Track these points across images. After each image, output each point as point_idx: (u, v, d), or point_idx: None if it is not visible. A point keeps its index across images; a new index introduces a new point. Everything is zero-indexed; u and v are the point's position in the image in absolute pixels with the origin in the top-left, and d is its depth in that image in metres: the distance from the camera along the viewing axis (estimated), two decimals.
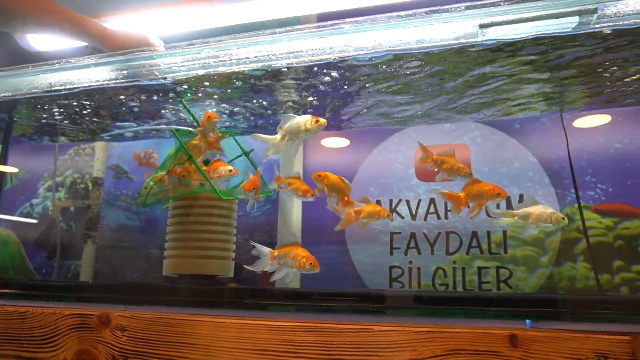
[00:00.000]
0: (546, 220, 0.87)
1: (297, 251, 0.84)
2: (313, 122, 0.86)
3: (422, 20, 0.83)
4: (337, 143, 1.75)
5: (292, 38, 0.90)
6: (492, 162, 1.58)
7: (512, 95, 1.28)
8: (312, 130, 0.87)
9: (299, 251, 0.84)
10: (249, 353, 0.76)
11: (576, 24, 0.79)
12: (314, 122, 0.86)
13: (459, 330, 0.67)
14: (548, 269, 1.46)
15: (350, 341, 0.71)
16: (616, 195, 1.44)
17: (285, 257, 0.85)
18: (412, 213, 1.61)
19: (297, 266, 0.83)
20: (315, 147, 1.75)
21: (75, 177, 1.85)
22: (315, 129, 0.87)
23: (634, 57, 1.04)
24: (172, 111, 1.30)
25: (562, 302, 0.69)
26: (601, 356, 0.62)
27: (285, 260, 0.85)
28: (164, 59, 1.02)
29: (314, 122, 0.86)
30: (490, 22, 0.80)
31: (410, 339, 0.69)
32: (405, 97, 1.27)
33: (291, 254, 0.84)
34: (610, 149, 1.48)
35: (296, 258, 0.83)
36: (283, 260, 0.85)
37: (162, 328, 0.82)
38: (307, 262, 0.82)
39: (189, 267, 1.01)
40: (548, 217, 0.87)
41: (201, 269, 1.01)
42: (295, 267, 0.83)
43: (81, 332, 0.86)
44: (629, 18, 0.78)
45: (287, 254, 0.84)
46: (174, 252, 1.02)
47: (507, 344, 0.66)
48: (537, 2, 0.77)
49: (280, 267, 0.86)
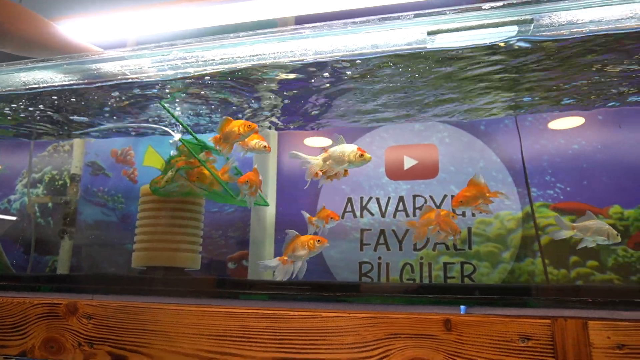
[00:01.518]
0: (603, 235, 0.91)
1: (301, 240, 0.86)
2: (357, 155, 0.85)
3: (376, 26, 0.88)
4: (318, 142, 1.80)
5: (255, 42, 0.95)
6: (458, 162, 1.64)
7: (473, 99, 1.34)
8: (354, 163, 0.85)
9: (303, 238, 0.86)
10: (207, 339, 0.81)
11: (516, 32, 0.85)
12: (358, 156, 0.85)
13: (399, 316, 0.73)
14: (509, 264, 1.52)
15: (299, 327, 0.76)
16: (573, 194, 1.51)
17: (295, 252, 0.86)
18: (382, 210, 1.66)
19: (308, 252, 0.84)
20: (288, 146, 1.80)
21: (54, 174, 1.88)
22: (358, 163, 0.85)
23: (581, 65, 1.10)
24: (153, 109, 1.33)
25: (492, 289, 0.74)
26: (525, 338, 0.68)
27: (296, 254, 0.86)
28: (134, 60, 1.06)
29: (358, 155, 0.85)
30: (437, 29, 0.85)
31: (355, 325, 0.74)
32: (370, 98, 1.32)
33: (298, 246, 0.86)
34: (568, 150, 1.55)
35: (304, 245, 0.85)
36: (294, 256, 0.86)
37: (126, 316, 0.86)
38: (314, 242, 0.85)
39: (157, 259, 1.06)
40: (605, 232, 0.91)
41: (169, 262, 1.06)
42: (307, 253, 0.85)
43: (49, 321, 0.90)
44: (563, 28, 0.84)
45: (295, 249, 0.86)
46: (143, 245, 1.07)
47: (442, 328, 0.71)
48: (479, 12, 0.82)
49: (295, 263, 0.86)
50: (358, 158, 0.85)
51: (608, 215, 1.47)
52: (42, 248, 1.80)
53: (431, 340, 0.71)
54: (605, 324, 0.66)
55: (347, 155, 0.85)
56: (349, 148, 0.86)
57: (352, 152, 0.85)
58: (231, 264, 1.65)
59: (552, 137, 1.57)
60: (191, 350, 0.81)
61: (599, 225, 0.92)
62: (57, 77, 1.08)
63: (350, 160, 0.85)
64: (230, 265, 1.65)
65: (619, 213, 1.46)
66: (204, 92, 1.20)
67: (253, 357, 0.77)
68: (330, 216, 0.97)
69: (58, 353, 0.88)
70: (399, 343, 0.72)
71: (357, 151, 0.85)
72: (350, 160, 0.85)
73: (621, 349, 0.64)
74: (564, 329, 0.67)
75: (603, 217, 1.47)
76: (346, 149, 0.86)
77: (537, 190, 1.55)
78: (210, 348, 0.80)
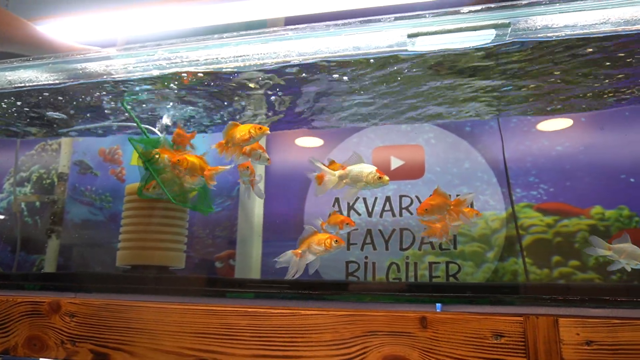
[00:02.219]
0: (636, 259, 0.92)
1: (318, 237, 0.85)
2: (376, 177, 0.82)
3: (357, 28, 0.90)
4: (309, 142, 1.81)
5: (239, 43, 0.96)
6: (444, 163, 1.66)
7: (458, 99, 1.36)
8: (371, 185, 0.83)
9: (320, 236, 0.86)
10: (189, 336, 0.82)
11: (494, 36, 0.86)
12: (377, 178, 0.82)
13: (376, 314, 0.74)
14: (493, 264, 1.54)
15: (279, 324, 0.77)
16: (556, 195, 1.54)
17: (310, 248, 0.86)
18: (369, 210, 1.68)
19: (324, 249, 0.84)
20: (276, 145, 1.81)
21: (42, 173, 1.88)
22: (375, 184, 0.83)
23: (562, 69, 1.12)
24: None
25: (467, 288, 0.76)
26: (498, 335, 0.70)
27: (311, 250, 0.86)
28: (120, 59, 1.07)
29: (376, 177, 0.82)
30: (417, 32, 0.87)
31: (333, 322, 0.75)
32: (357, 98, 1.34)
33: (314, 242, 0.85)
34: (552, 151, 1.57)
35: (320, 243, 0.84)
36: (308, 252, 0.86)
37: (109, 314, 0.87)
38: (332, 241, 0.84)
39: (141, 258, 1.06)
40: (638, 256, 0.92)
41: (153, 260, 1.06)
42: (322, 251, 0.84)
43: (32, 319, 0.91)
44: (540, 32, 0.86)
45: (311, 244, 0.86)
46: (127, 244, 1.07)
47: (418, 325, 0.73)
48: (458, 16, 0.84)
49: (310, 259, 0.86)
50: (376, 180, 0.82)
51: (589, 216, 1.50)
52: (29, 247, 1.80)
53: (407, 337, 0.73)
54: (575, 321, 0.67)
55: (365, 176, 0.83)
56: (367, 169, 0.83)
57: (371, 174, 0.82)
58: (218, 263, 1.66)
59: (536, 139, 1.59)
60: (173, 347, 0.82)
61: (633, 249, 0.93)
62: (42, 76, 1.09)
63: (368, 182, 0.83)
64: (218, 264, 1.66)
65: (600, 213, 1.49)
66: (190, 93, 1.22)
67: (234, 354, 0.78)
68: (345, 222, 0.95)
69: (41, 351, 0.89)
70: (376, 340, 0.73)
71: (376, 173, 0.83)
72: (368, 182, 0.83)
73: (590, 345, 0.66)
74: (536, 326, 0.68)
75: (585, 217, 1.50)
76: (364, 170, 0.83)
77: (522, 191, 1.58)
78: (193, 345, 0.81)
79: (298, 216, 1.73)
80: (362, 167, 0.84)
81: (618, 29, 0.83)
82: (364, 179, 0.83)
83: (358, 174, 0.83)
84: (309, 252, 0.86)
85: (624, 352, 0.65)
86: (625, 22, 0.83)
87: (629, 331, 0.66)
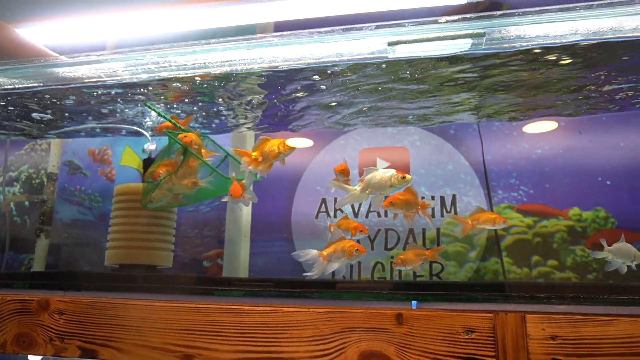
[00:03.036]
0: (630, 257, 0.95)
1: (343, 244, 0.87)
2: (399, 178, 0.83)
3: (340, 36, 0.93)
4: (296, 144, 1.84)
5: (225, 49, 0.98)
6: (428, 165, 1.70)
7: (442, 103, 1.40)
8: (397, 186, 0.83)
9: (345, 243, 0.87)
10: (175, 333, 0.84)
11: (470, 45, 0.90)
12: (400, 178, 0.83)
13: (355, 311, 0.78)
14: (475, 264, 1.58)
15: (262, 321, 0.80)
16: (536, 196, 1.59)
17: (335, 253, 0.88)
18: (355, 211, 1.71)
19: (346, 256, 0.86)
20: None
21: (31, 172, 1.89)
22: (400, 185, 0.83)
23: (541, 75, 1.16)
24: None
25: (442, 286, 0.80)
26: (469, 330, 0.73)
27: (335, 255, 0.88)
28: (110, 63, 1.09)
29: (400, 178, 0.83)
30: (397, 40, 0.90)
31: (313, 319, 0.79)
32: (343, 102, 1.37)
33: (339, 249, 0.87)
34: (532, 154, 1.62)
35: (344, 249, 0.87)
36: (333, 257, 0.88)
37: (97, 311, 0.89)
38: (353, 249, 0.86)
39: (129, 257, 1.09)
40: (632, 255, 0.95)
41: (141, 259, 1.09)
42: (345, 257, 0.86)
43: (21, 317, 0.93)
44: (514, 42, 0.90)
45: (336, 249, 0.88)
46: (116, 243, 1.10)
47: (394, 321, 0.76)
48: (436, 25, 0.88)
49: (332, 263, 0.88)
50: (400, 180, 0.83)
51: (567, 217, 1.54)
52: (18, 246, 1.81)
53: (384, 333, 0.76)
54: (541, 317, 0.71)
55: (388, 180, 0.83)
56: (387, 173, 0.84)
57: (393, 176, 0.83)
58: (206, 262, 1.68)
59: (517, 142, 1.64)
60: (160, 344, 0.84)
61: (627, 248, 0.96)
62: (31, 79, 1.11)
63: (393, 184, 0.83)
64: (206, 263, 1.68)
65: (578, 215, 1.54)
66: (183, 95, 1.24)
67: (218, 350, 0.81)
68: (359, 229, 0.96)
69: (30, 348, 0.91)
70: (354, 336, 0.77)
71: (398, 174, 0.83)
72: (393, 184, 0.83)
73: (554, 340, 0.70)
74: (505, 322, 0.72)
75: (563, 218, 1.55)
76: (385, 174, 0.83)
77: (503, 193, 1.62)
78: (178, 342, 0.84)
79: (285, 216, 1.76)
80: (380, 173, 0.85)
81: (586, 39, 0.87)
82: (389, 183, 0.83)
83: (380, 181, 0.84)
84: (334, 257, 0.88)
85: (586, 345, 0.69)
86: (594, 33, 0.87)
87: (590, 326, 0.70)
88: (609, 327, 0.69)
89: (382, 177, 0.84)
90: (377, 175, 0.84)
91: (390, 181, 0.83)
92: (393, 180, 0.83)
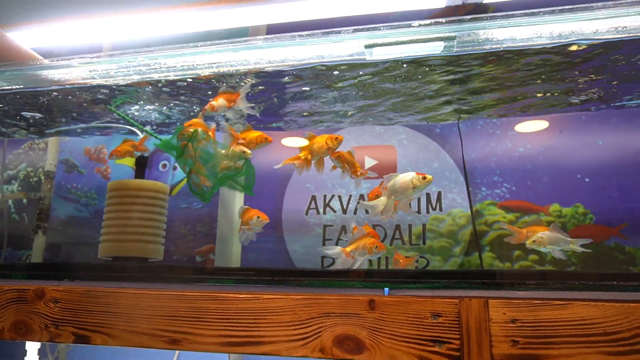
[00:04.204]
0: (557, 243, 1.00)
1: (364, 241, 0.94)
2: (420, 179, 0.86)
3: (320, 39, 0.98)
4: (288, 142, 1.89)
5: (212, 51, 1.04)
6: (415, 162, 1.75)
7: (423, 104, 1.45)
8: (419, 187, 0.86)
9: (366, 240, 0.94)
10: (162, 319, 0.89)
11: (442, 47, 0.95)
12: (422, 179, 0.86)
13: (330, 297, 0.83)
14: (460, 258, 1.64)
15: (243, 307, 0.85)
16: (518, 193, 1.64)
17: (357, 250, 0.95)
18: (343, 207, 1.77)
19: (367, 253, 0.92)
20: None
21: (29, 171, 1.94)
22: (423, 186, 0.86)
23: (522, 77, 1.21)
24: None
25: (412, 274, 0.85)
26: (436, 315, 0.78)
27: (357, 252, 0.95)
28: (103, 65, 1.14)
29: (421, 178, 0.86)
30: (373, 43, 0.95)
31: (292, 305, 0.84)
32: (331, 102, 1.42)
33: (360, 245, 0.95)
34: (515, 152, 1.67)
35: (365, 247, 0.94)
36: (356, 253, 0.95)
37: (90, 299, 0.94)
38: (373, 246, 0.93)
39: (121, 250, 1.14)
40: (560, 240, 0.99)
41: (133, 252, 1.14)
42: (365, 254, 0.93)
43: (18, 305, 0.98)
44: (483, 44, 0.95)
45: (358, 246, 0.95)
46: (109, 237, 1.15)
47: (367, 307, 0.81)
48: (409, 29, 0.93)
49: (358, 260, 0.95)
50: (422, 182, 0.87)
51: (548, 213, 1.59)
52: (17, 242, 1.86)
53: (357, 318, 0.81)
54: (502, 302, 0.76)
55: (411, 183, 0.87)
56: (408, 176, 0.87)
57: (415, 178, 0.87)
58: (199, 257, 1.74)
59: (500, 141, 1.69)
60: (148, 329, 0.89)
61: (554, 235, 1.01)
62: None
63: (416, 186, 0.87)
64: (198, 258, 1.74)
65: (558, 211, 1.59)
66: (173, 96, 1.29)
67: (202, 335, 0.86)
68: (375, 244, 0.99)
69: (26, 334, 0.96)
70: (329, 321, 0.82)
71: (419, 176, 0.87)
72: (416, 186, 0.87)
73: (514, 323, 0.75)
74: (469, 307, 0.77)
75: (544, 214, 1.60)
76: (407, 177, 0.87)
77: (487, 190, 1.67)
78: (165, 327, 0.89)
79: (276, 213, 1.81)
80: (402, 177, 0.89)
81: (550, 43, 0.92)
82: (412, 185, 0.87)
83: (403, 185, 0.88)
84: (357, 253, 0.94)
85: (543, 328, 0.74)
86: (558, 36, 0.92)
87: (547, 310, 0.75)
88: (564, 310, 0.74)
89: (404, 181, 0.88)
90: (399, 180, 0.88)
91: (412, 183, 0.87)
92: (416, 182, 0.87)
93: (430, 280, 0.82)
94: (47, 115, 1.32)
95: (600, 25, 0.87)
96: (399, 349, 0.78)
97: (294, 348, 0.82)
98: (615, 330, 0.72)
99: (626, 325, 0.72)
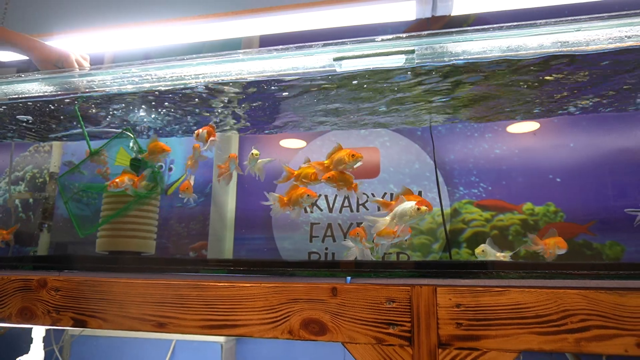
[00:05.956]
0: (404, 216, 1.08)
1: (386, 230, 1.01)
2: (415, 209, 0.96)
3: (294, 52, 1.08)
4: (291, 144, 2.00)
5: (198, 64, 1.14)
6: (397, 163, 1.85)
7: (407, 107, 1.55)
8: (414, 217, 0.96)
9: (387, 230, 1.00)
10: (150, 305, 1.00)
11: (404, 60, 1.05)
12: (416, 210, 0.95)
13: (298, 285, 0.93)
14: (438, 254, 1.73)
15: (221, 294, 0.96)
16: (494, 192, 1.73)
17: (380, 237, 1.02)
18: (330, 206, 1.86)
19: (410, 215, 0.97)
20: (249, 146, 1.99)
21: (35, 172, 2.06)
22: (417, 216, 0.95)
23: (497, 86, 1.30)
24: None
25: (371, 265, 0.95)
26: (390, 300, 0.88)
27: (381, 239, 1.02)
28: (98, 76, 1.25)
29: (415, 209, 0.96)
30: (341, 56, 1.05)
31: (264, 292, 0.94)
32: (316, 107, 1.52)
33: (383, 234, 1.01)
34: (491, 154, 1.76)
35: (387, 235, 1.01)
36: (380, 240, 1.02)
37: (87, 288, 1.05)
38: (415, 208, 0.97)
39: (116, 245, 1.24)
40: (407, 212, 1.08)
41: (127, 247, 1.25)
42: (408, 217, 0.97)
43: (24, 293, 1.09)
44: (442, 56, 1.04)
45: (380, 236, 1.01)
46: (105, 232, 1.25)
47: (330, 294, 0.91)
48: (373, 43, 1.03)
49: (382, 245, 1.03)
50: (416, 211, 0.96)
51: (522, 211, 1.68)
52: (23, 239, 1.98)
53: (321, 303, 0.91)
54: (449, 289, 0.86)
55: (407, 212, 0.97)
56: (407, 205, 0.98)
57: (411, 209, 0.97)
58: (192, 253, 1.84)
59: (477, 143, 1.78)
60: (138, 314, 1.00)
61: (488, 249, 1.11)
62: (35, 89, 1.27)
63: (411, 215, 0.97)
64: (192, 254, 1.84)
65: (531, 209, 1.68)
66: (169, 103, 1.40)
67: (185, 319, 0.97)
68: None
69: (31, 319, 1.07)
70: (297, 306, 0.92)
71: (415, 206, 0.97)
72: (411, 215, 0.97)
73: (459, 307, 0.85)
74: (419, 294, 0.87)
75: (517, 213, 1.69)
76: (406, 206, 0.98)
77: (464, 189, 1.76)
78: (153, 312, 0.99)
79: (266, 211, 1.91)
80: (403, 206, 0.99)
81: (503, 55, 1.01)
82: (408, 214, 0.98)
83: (402, 212, 0.98)
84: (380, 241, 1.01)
85: (483, 311, 0.84)
86: (508, 49, 1.01)
87: (487, 296, 0.84)
88: (501, 296, 0.83)
89: (403, 210, 0.98)
90: (400, 209, 0.99)
91: (409, 213, 0.97)
92: (411, 212, 0.97)
93: (386, 270, 0.91)
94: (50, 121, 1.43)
95: (544, 40, 0.97)
96: (357, 330, 0.88)
97: (266, 330, 0.92)
98: (545, 313, 0.81)
99: (555, 308, 0.81)
